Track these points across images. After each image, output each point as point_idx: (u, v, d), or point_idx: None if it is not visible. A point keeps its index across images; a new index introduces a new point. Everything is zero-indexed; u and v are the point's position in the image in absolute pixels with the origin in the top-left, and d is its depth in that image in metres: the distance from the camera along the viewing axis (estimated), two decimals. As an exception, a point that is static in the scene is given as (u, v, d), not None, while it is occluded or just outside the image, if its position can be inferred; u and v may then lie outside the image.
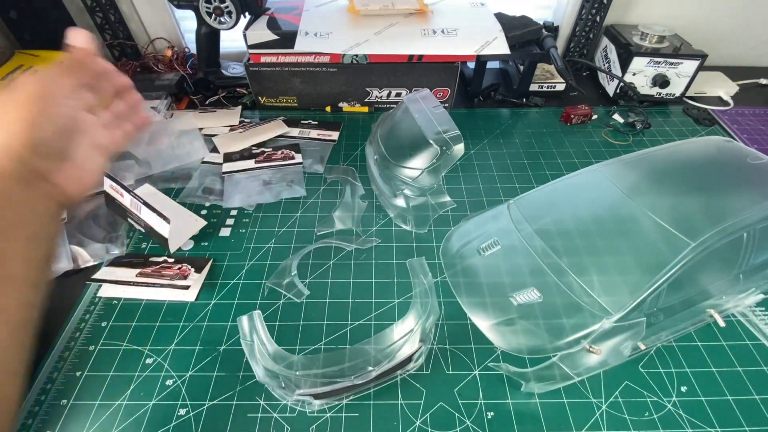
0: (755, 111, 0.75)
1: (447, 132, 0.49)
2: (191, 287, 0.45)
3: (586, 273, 0.39)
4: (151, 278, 0.45)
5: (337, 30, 0.66)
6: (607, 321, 0.36)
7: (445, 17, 0.70)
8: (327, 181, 0.59)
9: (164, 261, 0.48)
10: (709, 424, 0.36)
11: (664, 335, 0.40)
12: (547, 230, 0.44)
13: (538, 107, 0.75)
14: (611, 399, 0.37)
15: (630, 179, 0.43)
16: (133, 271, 0.46)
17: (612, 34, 0.77)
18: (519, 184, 0.59)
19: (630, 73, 0.71)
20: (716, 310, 0.40)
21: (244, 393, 0.38)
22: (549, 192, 0.48)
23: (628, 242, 0.39)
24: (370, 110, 0.73)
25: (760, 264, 0.40)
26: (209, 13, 0.64)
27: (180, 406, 0.37)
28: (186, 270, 0.46)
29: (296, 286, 0.46)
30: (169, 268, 0.47)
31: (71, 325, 0.43)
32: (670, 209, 0.39)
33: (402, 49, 0.64)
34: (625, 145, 0.66)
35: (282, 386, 0.34)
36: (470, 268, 0.45)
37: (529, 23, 0.69)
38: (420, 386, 0.38)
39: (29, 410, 0.37)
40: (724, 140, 0.48)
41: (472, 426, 0.36)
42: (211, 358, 0.40)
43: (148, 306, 0.44)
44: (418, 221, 0.53)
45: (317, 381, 0.34)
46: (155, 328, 0.42)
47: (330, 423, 0.36)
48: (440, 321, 0.43)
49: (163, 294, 0.45)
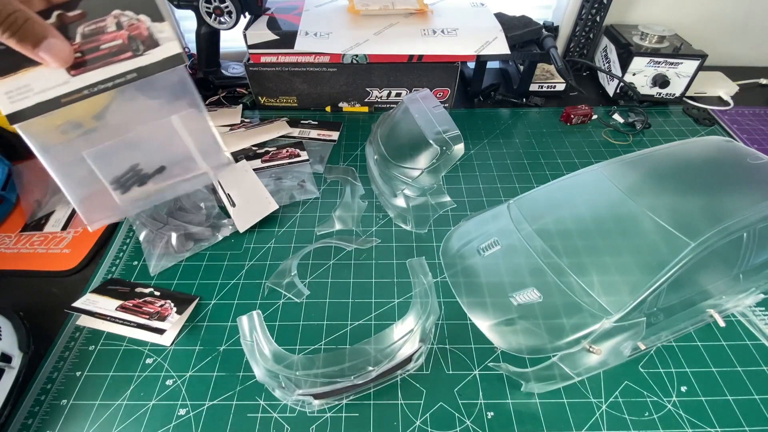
0: (755, 111, 0.75)
1: (447, 132, 0.49)
2: (167, 332, 0.41)
3: (586, 273, 0.39)
4: (130, 314, 0.42)
5: (337, 30, 0.66)
6: (607, 321, 0.36)
7: (445, 17, 0.70)
8: (327, 181, 0.59)
9: (150, 293, 0.45)
10: (709, 424, 0.36)
11: (664, 335, 0.40)
12: (547, 230, 0.44)
13: (538, 107, 0.75)
14: (611, 399, 0.37)
15: (630, 179, 0.43)
16: (114, 303, 0.43)
17: (612, 34, 0.77)
18: (519, 184, 0.59)
19: (630, 73, 0.71)
20: (716, 310, 0.40)
21: (244, 393, 0.38)
22: (549, 192, 0.48)
23: (628, 242, 0.39)
24: (370, 110, 0.73)
25: (760, 264, 0.40)
26: (209, 13, 0.64)
27: (180, 406, 0.37)
28: (167, 309, 0.43)
29: (296, 286, 0.46)
30: (151, 304, 0.43)
31: (71, 325, 0.43)
32: (670, 209, 0.39)
33: (402, 49, 0.64)
34: (625, 145, 0.66)
35: (282, 386, 0.34)
36: (470, 268, 0.45)
37: (529, 23, 0.69)
38: (420, 386, 0.38)
39: (29, 410, 0.37)
40: (724, 140, 0.48)
41: (472, 426, 0.36)
42: (211, 358, 0.40)
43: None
44: (418, 221, 0.53)
45: (317, 381, 0.34)
46: (155, 328, 0.42)
47: (330, 423, 0.36)
48: (440, 321, 0.43)
49: (139, 334, 0.42)
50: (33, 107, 0.25)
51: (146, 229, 0.50)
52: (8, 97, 0.25)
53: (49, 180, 0.29)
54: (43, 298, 0.46)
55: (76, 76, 0.26)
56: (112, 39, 0.26)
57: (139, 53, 0.26)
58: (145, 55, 0.26)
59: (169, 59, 0.26)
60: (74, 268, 0.48)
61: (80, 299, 0.43)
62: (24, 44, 0.23)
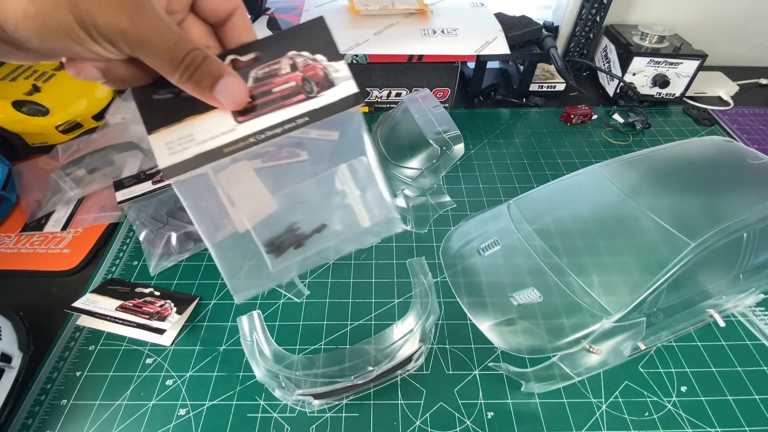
0: (755, 111, 0.75)
1: (447, 132, 0.49)
2: (167, 332, 0.41)
3: (586, 273, 0.39)
4: (130, 314, 0.42)
5: (337, 30, 0.65)
6: (607, 321, 0.36)
7: (445, 17, 0.70)
8: (327, 181, 0.59)
9: (150, 293, 0.45)
10: (709, 424, 0.36)
11: (664, 335, 0.40)
12: (547, 230, 0.44)
13: (538, 107, 0.74)
14: (611, 399, 0.37)
15: (630, 179, 0.43)
16: (114, 303, 0.43)
17: (612, 34, 0.77)
18: (519, 184, 0.59)
19: (630, 73, 0.71)
20: (716, 310, 0.40)
21: (244, 393, 0.38)
22: (549, 192, 0.48)
23: (628, 242, 0.39)
24: (370, 110, 0.73)
25: (760, 264, 0.40)
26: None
27: (180, 406, 0.37)
28: (167, 309, 0.43)
29: (296, 286, 0.46)
30: (152, 304, 0.43)
31: (71, 325, 0.43)
32: (670, 209, 0.39)
33: (402, 49, 0.64)
34: (625, 145, 0.66)
35: (282, 386, 0.34)
36: (470, 268, 0.45)
37: (529, 23, 0.69)
38: (420, 386, 0.38)
39: (29, 410, 0.37)
40: (724, 140, 0.48)
41: (472, 426, 0.36)
42: (211, 358, 0.40)
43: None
44: (418, 221, 0.53)
45: (317, 381, 0.34)
46: (155, 328, 0.42)
47: (330, 423, 0.36)
48: (440, 321, 0.43)
49: (139, 334, 0.42)
50: (193, 159, 0.22)
51: (146, 229, 0.50)
52: (168, 148, 0.22)
53: (49, 180, 0.26)
54: (43, 298, 0.46)
55: (243, 123, 0.23)
56: (285, 81, 0.24)
57: (313, 95, 0.24)
58: (318, 97, 0.24)
59: (344, 100, 0.24)
60: (74, 268, 0.48)
61: (80, 299, 0.43)
62: (200, 85, 0.21)
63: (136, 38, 0.18)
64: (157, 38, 0.19)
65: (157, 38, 0.19)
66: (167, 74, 0.20)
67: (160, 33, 0.19)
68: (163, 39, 0.19)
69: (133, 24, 0.18)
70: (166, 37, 0.19)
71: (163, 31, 0.19)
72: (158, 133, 0.22)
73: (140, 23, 0.18)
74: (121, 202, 0.51)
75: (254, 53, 0.24)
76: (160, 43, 0.19)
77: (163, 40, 0.19)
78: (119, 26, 0.18)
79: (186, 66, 0.20)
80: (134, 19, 0.18)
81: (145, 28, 0.18)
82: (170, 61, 0.20)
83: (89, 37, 0.18)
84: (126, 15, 0.18)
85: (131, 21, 0.18)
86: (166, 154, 0.22)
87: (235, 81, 0.22)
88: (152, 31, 0.19)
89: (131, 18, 0.18)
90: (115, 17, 0.18)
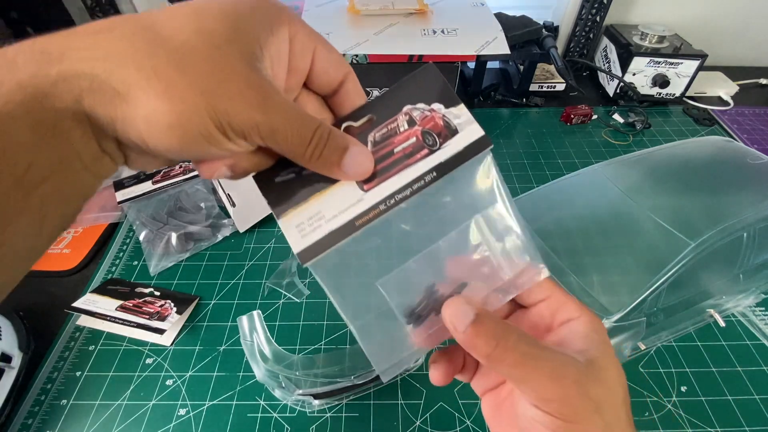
0: (755, 111, 0.75)
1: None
2: (167, 331, 0.41)
3: (586, 273, 0.39)
4: (130, 314, 0.42)
5: (337, 30, 0.66)
6: (607, 321, 0.36)
7: (445, 17, 0.70)
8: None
9: (150, 293, 0.45)
10: (709, 424, 0.36)
11: (664, 335, 0.40)
12: (547, 230, 0.43)
13: (538, 107, 0.74)
14: (611, 399, 0.37)
15: (630, 179, 0.43)
16: (115, 303, 0.43)
17: (612, 34, 0.77)
18: (519, 184, 0.59)
19: (630, 73, 0.71)
20: (716, 310, 0.40)
21: (244, 393, 0.38)
22: (549, 192, 0.48)
23: (628, 242, 0.39)
24: (370, 110, 0.73)
25: (760, 264, 0.40)
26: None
27: (180, 406, 0.37)
28: (167, 309, 0.43)
29: (296, 286, 0.46)
30: (152, 304, 0.43)
31: (71, 325, 0.43)
32: (670, 209, 0.39)
33: (402, 49, 0.64)
34: (625, 145, 0.66)
35: (282, 386, 0.34)
36: (470, 268, 0.45)
37: (529, 23, 0.69)
38: (420, 386, 0.38)
39: (29, 410, 0.37)
40: (724, 140, 0.48)
41: (472, 426, 0.36)
42: (211, 358, 0.40)
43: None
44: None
45: (317, 381, 0.34)
46: (155, 328, 0.42)
47: (330, 423, 0.36)
48: (440, 321, 0.43)
49: (139, 334, 0.42)
50: (326, 237, 0.21)
51: (146, 229, 0.50)
52: (299, 230, 0.21)
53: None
54: (43, 298, 0.46)
55: (369, 191, 0.21)
56: (406, 139, 0.22)
57: (437, 147, 0.22)
58: (442, 149, 0.22)
59: (471, 146, 0.22)
60: (74, 268, 0.48)
61: (80, 299, 0.43)
62: (328, 161, 0.20)
63: (269, 128, 0.18)
64: (287, 124, 0.18)
65: (287, 124, 0.18)
66: (296, 156, 0.20)
67: (289, 118, 0.18)
68: (291, 123, 0.18)
69: (265, 115, 0.18)
70: (294, 121, 0.18)
71: (291, 115, 0.18)
72: (287, 216, 0.21)
73: (271, 113, 0.18)
74: (121, 202, 0.51)
75: (367, 116, 0.23)
76: (290, 128, 0.18)
77: (291, 124, 0.18)
78: (253, 120, 0.17)
79: (315, 146, 0.19)
80: (265, 110, 0.18)
81: (275, 117, 0.18)
82: (300, 144, 0.19)
83: (225, 137, 0.17)
84: (258, 108, 0.17)
85: (263, 113, 0.17)
86: (298, 238, 0.21)
87: (361, 150, 0.21)
88: (282, 118, 0.18)
89: (263, 109, 0.17)
90: (249, 113, 0.17)
